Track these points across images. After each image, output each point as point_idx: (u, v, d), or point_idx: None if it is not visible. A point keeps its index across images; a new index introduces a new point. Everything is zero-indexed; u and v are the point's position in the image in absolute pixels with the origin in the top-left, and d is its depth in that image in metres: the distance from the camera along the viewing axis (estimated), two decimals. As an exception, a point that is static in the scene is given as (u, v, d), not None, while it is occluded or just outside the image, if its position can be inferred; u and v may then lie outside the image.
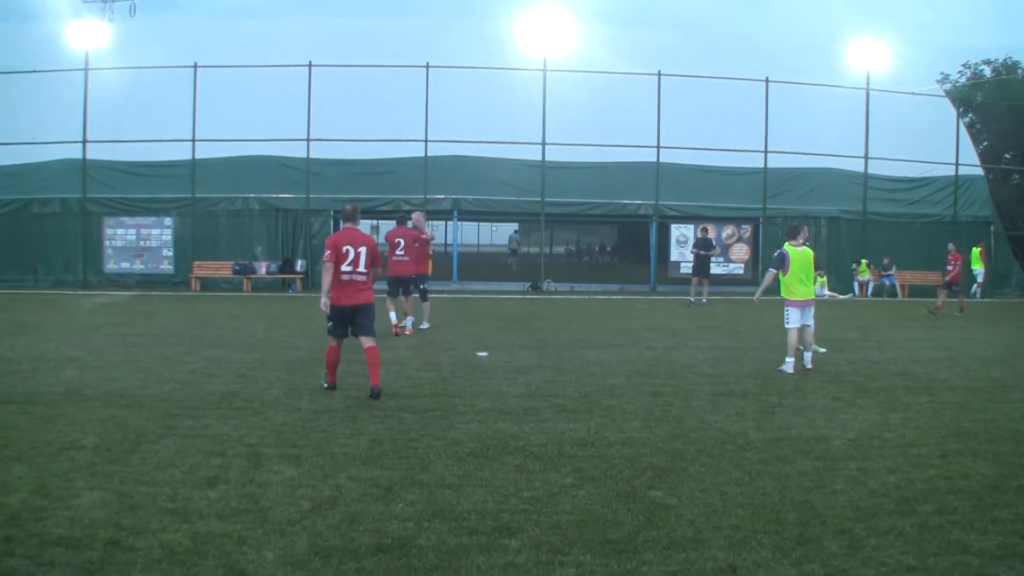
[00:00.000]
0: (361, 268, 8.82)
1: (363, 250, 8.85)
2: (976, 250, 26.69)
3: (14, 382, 9.14)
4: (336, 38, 27.84)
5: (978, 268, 26.96)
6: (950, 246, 21.29)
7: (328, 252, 8.82)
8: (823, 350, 12.46)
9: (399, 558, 4.49)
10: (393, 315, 14.00)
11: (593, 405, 8.44)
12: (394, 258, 14.00)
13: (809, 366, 10.69)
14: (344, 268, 8.76)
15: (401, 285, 14.08)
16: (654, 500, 5.50)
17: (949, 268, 20.52)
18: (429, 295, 14.95)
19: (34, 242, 25.12)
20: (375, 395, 8.51)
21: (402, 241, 14.07)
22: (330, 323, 8.90)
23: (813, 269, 11.02)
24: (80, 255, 25.33)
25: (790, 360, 10.57)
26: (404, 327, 13.92)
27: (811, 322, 10.90)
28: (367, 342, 8.80)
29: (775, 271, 10.89)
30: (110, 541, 4.61)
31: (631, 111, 26.49)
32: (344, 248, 8.80)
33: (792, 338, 10.64)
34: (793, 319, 10.69)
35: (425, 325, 14.60)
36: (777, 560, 4.55)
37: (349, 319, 8.86)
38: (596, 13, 44.41)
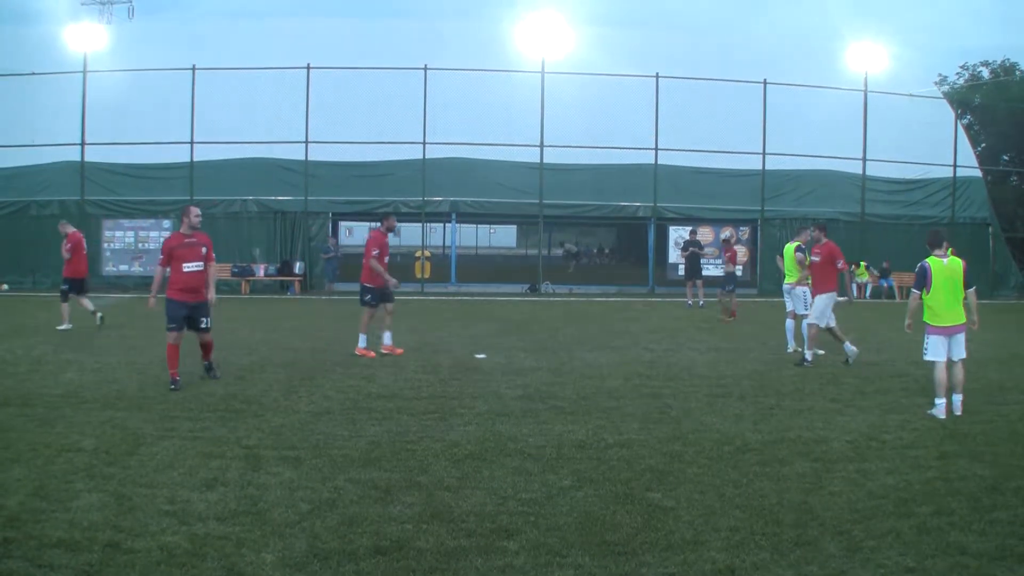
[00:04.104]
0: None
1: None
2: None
3: (13, 384, 9.13)
4: (334, 40, 27.88)
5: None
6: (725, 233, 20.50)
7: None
8: (822, 352, 12.49)
9: (398, 560, 4.49)
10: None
11: (591, 407, 8.44)
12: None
13: (959, 412, 8.29)
14: None
15: None
16: (652, 502, 5.51)
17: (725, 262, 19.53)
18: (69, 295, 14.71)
19: (33, 244, 25.06)
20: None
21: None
22: None
23: (963, 285, 8.58)
24: (78, 257, 25.27)
25: (940, 401, 8.31)
26: None
27: (962, 354, 8.50)
28: None
29: (918, 292, 8.64)
30: (109, 543, 4.61)
31: (629, 113, 26.55)
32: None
33: (937, 374, 8.39)
34: (932, 350, 8.48)
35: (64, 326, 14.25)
36: (775, 562, 4.56)
37: None
38: (594, 15, 44.62)
